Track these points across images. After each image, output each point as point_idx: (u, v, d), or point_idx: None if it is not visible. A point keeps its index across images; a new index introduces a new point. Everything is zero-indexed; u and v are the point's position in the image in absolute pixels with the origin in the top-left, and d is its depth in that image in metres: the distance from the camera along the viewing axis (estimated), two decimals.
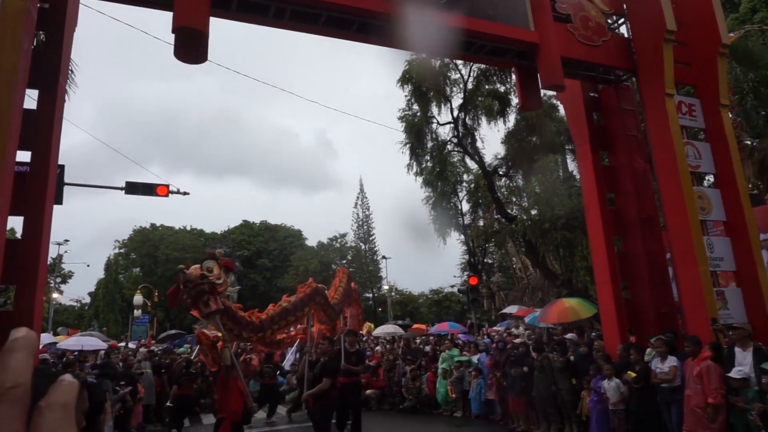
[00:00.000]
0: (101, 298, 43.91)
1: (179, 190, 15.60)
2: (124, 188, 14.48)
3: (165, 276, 46.98)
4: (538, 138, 19.80)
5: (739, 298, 8.56)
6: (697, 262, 8.09)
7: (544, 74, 8.58)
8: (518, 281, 30.15)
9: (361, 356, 9.53)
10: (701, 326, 7.76)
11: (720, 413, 6.43)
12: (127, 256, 50.17)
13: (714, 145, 9.22)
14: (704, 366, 6.61)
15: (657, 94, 8.87)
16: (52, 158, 6.64)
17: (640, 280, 9.25)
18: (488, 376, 10.97)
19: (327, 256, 48.19)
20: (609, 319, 9.11)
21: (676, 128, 8.70)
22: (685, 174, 8.48)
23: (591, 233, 9.71)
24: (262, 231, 54.34)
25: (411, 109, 20.86)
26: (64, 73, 7.01)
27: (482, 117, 20.10)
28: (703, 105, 9.38)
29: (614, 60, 9.43)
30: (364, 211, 57.69)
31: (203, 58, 7.20)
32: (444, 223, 24.58)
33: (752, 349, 6.54)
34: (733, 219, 8.90)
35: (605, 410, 8.01)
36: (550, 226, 16.71)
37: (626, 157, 9.58)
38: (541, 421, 9.54)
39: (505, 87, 19.76)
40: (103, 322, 41.13)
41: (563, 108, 11.69)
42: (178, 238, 49.90)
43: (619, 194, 9.79)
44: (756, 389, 6.26)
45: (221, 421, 7.06)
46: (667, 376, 7.08)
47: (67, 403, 0.52)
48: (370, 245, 56.22)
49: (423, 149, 21.23)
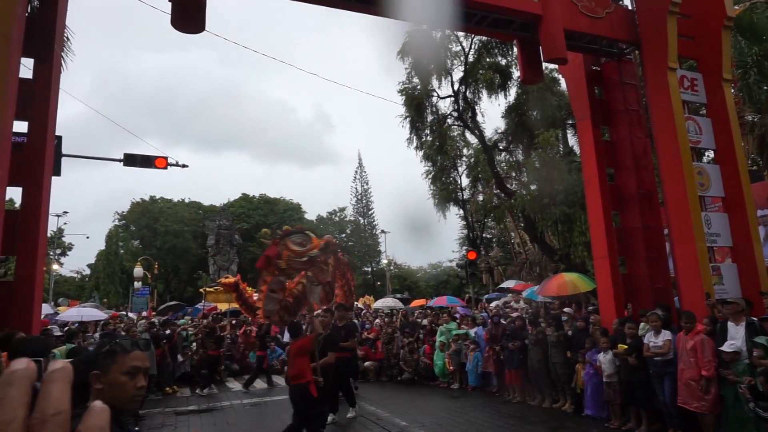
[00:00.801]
0: (102, 269, 44.17)
1: (178, 163, 15.52)
2: (123, 160, 14.39)
3: (164, 248, 47.18)
4: (538, 112, 19.64)
5: (734, 274, 8.64)
6: (695, 237, 8.13)
7: (546, 47, 8.47)
8: (516, 256, 30.31)
9: (351, 331, 9.45)
10: (696, 301, 7.85)
11: (712, 385, 6.56)
12: (126, 229, 50.28)
13: (715, 120, 9.17)
14: (698, 340, 6.72)
15: (660, 68, 8.77)
16: (49, 129, 6.60)
17: (638, 256, 9.31)
18: (485, 349, 11.13)
19: (326, 230, 48.29)
20: (606, 293, 9.20)
21: (678, 103, 8.64)
22: (685, 149, 8.45)
23: (590, 208, 9.72)
24: (262, 204, 54.31)
25: (411, 82, 20.64)
26: (60, 40, 6.91)
27: (483, 90, 19.91)
28: (705, 79, 9.29)
29: (617, 33, 9.30)
30: (363, 185, 57.69)
31: (201, 27, 7.09)
32: (443, 197, 24.58)
33: (745, 323, 6.64)
34: (732, 195, 8.92)
35: (600, 383, 8.17)
36: (549, 201, 16.72)
37: (627, 132, 9.53)
38: (536, 393, 9.73)
39: (506, 60, 19.53)
40: (104, 294, 41.46)
41: (565, 81, 11.57)
42: (177, 211, 49.92)
43: (619, 169, 9.77)
44: (746, 362, 6.37)
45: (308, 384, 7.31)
46: (660, 349, 7.19)
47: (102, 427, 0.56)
48: (369, 219, 56.39)
49: (423, 123, 21.08)
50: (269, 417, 9.37)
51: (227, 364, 15.03)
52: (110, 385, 1.83)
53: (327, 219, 50.43)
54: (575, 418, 8.55)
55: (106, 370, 1.85)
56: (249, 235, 48.67)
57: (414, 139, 21.56)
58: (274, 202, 54.91)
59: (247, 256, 47.26)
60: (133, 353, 1.90)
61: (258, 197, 55.33)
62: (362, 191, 57.37)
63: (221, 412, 10.11)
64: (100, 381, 1.84)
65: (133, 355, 1.90)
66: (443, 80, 19.76)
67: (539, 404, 9.48)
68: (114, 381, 1.83)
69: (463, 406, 9.99)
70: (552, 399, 9.36)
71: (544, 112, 19.06)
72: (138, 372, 1.88)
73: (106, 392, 1.82)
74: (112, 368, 1.85)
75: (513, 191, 19.80)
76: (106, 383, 1.84)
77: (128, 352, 1.90)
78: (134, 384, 1.86)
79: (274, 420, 9.19)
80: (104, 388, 1.83)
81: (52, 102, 6.79)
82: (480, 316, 13.04)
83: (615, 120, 9.81)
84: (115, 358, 1.87)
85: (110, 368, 1.85)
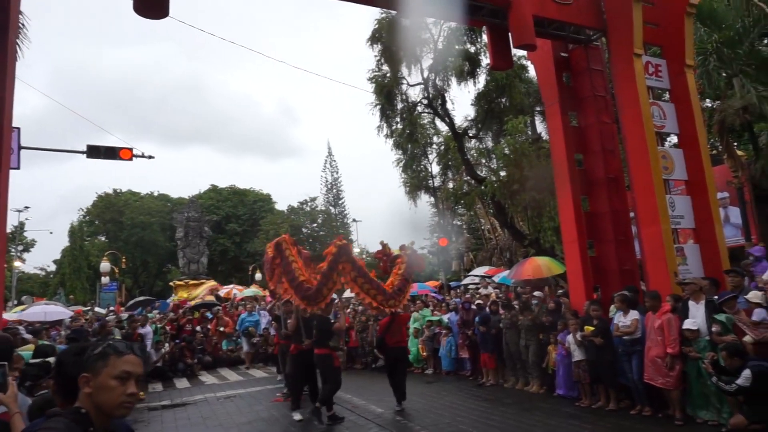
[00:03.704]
0: (67, 265, 42.89)
1: (144, 154, 15.12)
2: (86, 152, 13.93)
3: (130, 242, 46.08)
4: (507, 99, 19.80)
5: (696, 254, 8.91)
6: (660, 220, 8.34)
7: (515, 33, 8.51)
8: (487, 242, 30.68)
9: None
10: (662, 281, 8.08)
11: (677, 362, 6.79)
12: (91, 223, 48.88)
13: (678, 105, 9.39)
14: (665, 319, 6.94)
15: (625, 54, 8.92)
16: (5, 119, 6.33)
17: (605, 239, 9.52)
18: (458, 334, 11.27)
19: (297, 220, 47.91)
20: (575, 276, 9.39)
21: (643, 89, 8.80)
22: (650, 134, 8.64)
23: (559, 193, 9.87)
24: (231, 196, 53.50)
25: (381, 69, 20.50)
26: (14, 26, 6.61)
27: (452, 78, 19.92)
28: (668, 66, 9.49)
29: (585, 19, 9.41)
30: (333, 174, 57.40)
31: (164, 12, 6.88)
32: (414, 185, 24.63)
33: (704, 301, 6.88)
34: (694, 178, 9.17)
35: (571, 363, 8.37)
36: (518, 187, 16.92)
37: (594, 118, 9.69)
38: (510, 375, 9.91)
39: (475, 47, 19.57)
40: (70, 290, 40.28)
41: (534, 68, 11.67)
42: (144, 203, 48.77)
43: (587, 154, 9.94)
44: (707, 339, 6.62)
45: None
46: (628, 329, 7.40)
47: None
48: (340, 209, 56.20)
49: (393, 111, 21.01)
50: (244, 409, 9.31)
51: (200, 357, 14.85)
52: (99, 388, 1.74)
53: (298, 209, 49.96)
54: (547, 399, 8.75)
55: (96, 373, 1.75)
56: (219, 227, 47.99)
57: (384, 126, 21.48)
58: (243, 194, 54.14)
59: (217, 248, 46.60)
60: (126, 357, 1.80)
61: (227, 189, 54.47)
62: (332, 180, 57.09)
63: (195, 407, 9.99)
64: (89, 384, 1.76)
65: (126, 359, 1.79)
66: (413, 68, 19.70)
67: (512, 386, 9.67)
68: (103, 385, 1.74)
69: (437, 390, 10.11)
70: (524, 381, 9.55)
71: (513, 99, 19.23)
72: (129, 377, 1.78)
73: (94, 396, 1.74)
74: (103, 371, 1.75)
75: (483, 178, 19.96)
76: (95, 386, 1.75)
77: (121, 356, 1.80)
78: (124, 390, 1.76)
79: (249, 412, 9.15)
80: (93, 391, 1.75)
81: (8, 92, 6.49)
82: (453, 302, 13.18)
83: (583, 106, 9.95)
84: (106, 360, 1.77)
85: (101, 371, 1.75)
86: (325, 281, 8.01)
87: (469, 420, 7.66)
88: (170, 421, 8.74)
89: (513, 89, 19.06)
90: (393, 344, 8.92)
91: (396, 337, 8.96)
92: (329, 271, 8.07)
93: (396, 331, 8.96)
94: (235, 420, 8.66)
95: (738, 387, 5.65)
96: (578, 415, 7.58)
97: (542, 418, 7.59)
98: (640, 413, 7.26)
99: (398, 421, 7.97)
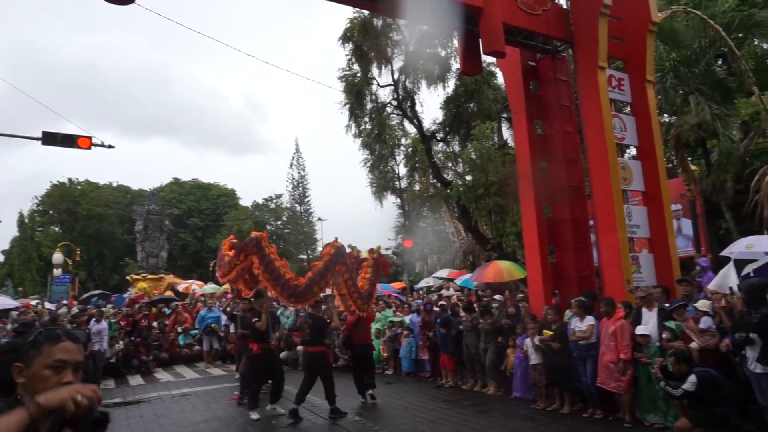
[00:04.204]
0: (16, 256, 41.10)
1: (103, 143, 14.59)
2: (41, 138, 13.36)
3: (86, 233, 44.53)
4: (476, 104, 20.09)
5: (650, 263, 9.25)
6: (617, 228, 8.61)
7: (486, 40, 8.64)
8: (450, 245, 31.01)
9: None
10: (617, 288, 8.34)
11: (629, 367, 7.02)
12: (44, 213, 47.00)
13: (638, 119, 9.71)
14: (618, 325, 7.16)
15: (590, 67, 9.17)
16: None
17: (566, 245, 9.75)
18: (419, 335, 11.34)
19: (262, 217, 47.33)
20: (535, 281, 9.59)
21: (606, 101, 9.07)
22: (611, 145, 8.90)
23: (523, 199, 10.07)
24: (194, 189, 52.39)
25: (351, 69, 20.52)
26: None
27: (422, 81, 20.11)
28: (631, 80, 9.81)
29: (553, 30, 9.63)
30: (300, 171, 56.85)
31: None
32: (381, 186, 24.71)
33: (657, 309, 7.16)
34: (651, 189, 9.51)
35: (528, 366, 8.53)
36: (483, 191, 17.19)
37: (559, 127, 9.91)
38: (468, 377, 10.03)
39: (446, 51, 19.79)
40: (19, 282, 38.63)
41: (502, 75, 11.87)
42: (101, 194, 47.22)
43: (551, 162, 10.15)
44: (657, 345, 6.89)
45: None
46: (584, 334, 7.60)
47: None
48: (306, 207, 55.73)
49: (362, 111, 21.05)
50: (200, 408, 9.13)
51: (156, 354, 14.48)
52: (32, 378, 1.63)
53: (263, 206, 49.35)
54: (504, 400, 8.90)
55: (28, 362, 1.64)
56: (180, 221, 46.89)
57: (353, 126, 21.50)
58: (207, 188, 53.12)
59: (177, 243, 45.53)
60: (60, 344, 1.68)
61: (190, 182, 53.30)
62: (299, 178, 56.56)
63: (149, 404, 9.73)
64: (22, 374, 1.64)
65: (61, 347, 1.67)
66: (383, 68, 19.78)
67: (470, 388, 9.79)
68: (37, 375, 1.63)
69: (397, 391, 10.15)
70: (482, 383, 9.69)
71: (481, 105, 19.52)
72: (65, 366, 1.65)
73: (29, 387, 1.63)
74: (36, 360, 1.64)
75: (449, 181, 20.20)
76: (28, 377, 1.64)
77: (55, 343, 1.68)
78: (59, 379, 1.63)
79: (205, 410, 8.97)
80: (26, 382, 1.64)
81: None
82: (415, 304, 13.25)
83: (548, 115, 10.17)
84: (40, 349, 1.65)
85: (33, 360, 1.64)
86: (318, 280, 8.14)
87: (427, 421, 7.72)
88: (122, 420, 8.46)
89: (481, 95, 19.36)
90: (359, 342, 9.37)
91: (362, 336, 9.38)
92: (324, 271, 8.21)
93: (362, 330, 9.35)
94: (190, 419, 8.47)
95: (684, 392, 5.88)
96: (534, 417, 7.73)
97: (499, 419, 7.72)
98: (592, 416, 7.47)
99: (356, 421, 7.97)
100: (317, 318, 8.54)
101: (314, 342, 8.37)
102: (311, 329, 8.34)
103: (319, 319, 8.57)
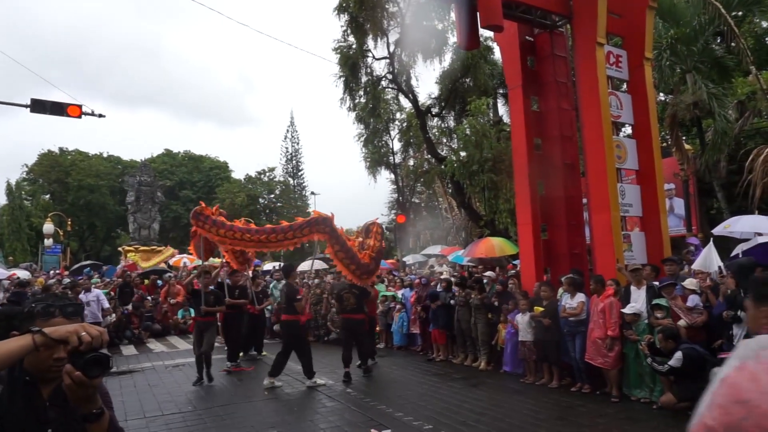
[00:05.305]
0: (6, 225, 40.75)
1: (93, 112, 14.38)
2: (30, 106, 13.13)
3: (77, 204, 44.18)
4: (472, 79, 19.88)
5: (642, 242, 9.31)
6: (610, 207, 8.62)
7: (483, 13, 8.48)
8: (444, 221, 31.09)
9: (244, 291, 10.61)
10: (609, 266, 8.40)
11: (616, 344, 7.13)
12: (34, 182, 46.46)
13: (634, 97, 9.65)
14: (607, 302, 7.24)
15: (588, 43, 9.05)
16: None
17: (558, 223, 9.78)
18: (411, 310, 11.44)
19: (254, 190, 47.08)
20: (527, 257, 9.64)
21: (603, 78, 8.98)
22: (607, 123, 8.86)
23: (517, 176, 10.04)
24: (186, 161, 51.89)
25: (347, 40, 20.13)
26: None
27: (418, 54, 19.80)
28: (629, 57, 9.72)
29: (551, 4, 9.47)
30: (294, 145, 56.50)
31: None
32: (375, 160, 24.60)
33: (645, 287, 7.24)
34: (645, 168, 9.51)
35: (518, 342, 8.65)
36: (477, 168, 17.13)
37: (555, 103, 9.84)
38: (459, 351, 10.17)
39: (443, 24, 19.47)
40: (9, 252, 38.38)
41: (499, 49, 11.72)
42: (92, 164, 46.65)
43: (546, 139, 10.10)
44: (646, 322, 6.99)
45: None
46: (574, 310, 7.69)
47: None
48: (299, 180, 55.54)
49: (357, 84, 20.74)
50: (192, 377, 9.18)
51: (148, 325, 14.54)
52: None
53: (256, 179, 49.03)
54: (494, 375, 9.04)
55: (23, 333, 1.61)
56: (172, 192, 46.58)
57: (347, 99, 21.22)
58: (199, 159, 52.61)
59: (169, 214, 45.29)
60: (54, 320, 1.67)
61: (182, 154, 52.77)
62: (293, 151, 56.21)
63: (141, 374, 9.82)
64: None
65: (54, 322, 1.65)
66: (379, 41, 19.43)
67: (461, 362, 9.93)
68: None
69: (388, 365, 10.27)
70: (473, 357, 9.83)
71: (477, 80, 19.31)
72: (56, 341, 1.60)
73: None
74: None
75: (443, 157, 20.09)
76: None
77: (48, 318, 1.67)
78: (50, 354, 1.60)
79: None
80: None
81: None
82: (408, 278, 13.33)
83: (544, 91, 10.08)
84: (33, 322, 1.65)
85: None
86: (378, 258, 9.28)
87: (418, 393, 7.84)
88: (115, 389, 8.53)
89: (478, 70, 19.12)
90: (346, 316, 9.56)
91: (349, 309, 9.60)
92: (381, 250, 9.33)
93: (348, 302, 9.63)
94: (183, 388, 8.56)
95: (670, 368, 6.00)
96: (522, 391, 7.87)
97: (489, 393, 7.85)
98: (580, 390, 7.61)
99: (348, 393, 8.08)
100: (362, 288, 9.14)
101: (358, 310, 9.07)
102: (356, 298, 9.04)
103: (363, 290, 9.19)
